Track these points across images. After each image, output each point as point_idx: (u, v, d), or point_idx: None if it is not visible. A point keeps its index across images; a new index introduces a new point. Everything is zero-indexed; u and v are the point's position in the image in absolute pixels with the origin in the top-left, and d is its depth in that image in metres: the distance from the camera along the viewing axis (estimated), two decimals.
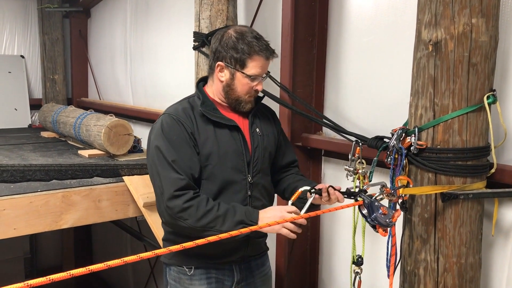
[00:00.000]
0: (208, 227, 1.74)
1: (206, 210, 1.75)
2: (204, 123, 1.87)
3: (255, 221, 1.73)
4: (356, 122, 2.66)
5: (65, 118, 4.46)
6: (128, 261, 1.11)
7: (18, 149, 4.10)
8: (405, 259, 1.94)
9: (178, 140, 1.82)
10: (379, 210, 1.52)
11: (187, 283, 1.96)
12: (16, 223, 2.63)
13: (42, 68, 5.74)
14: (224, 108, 1.94)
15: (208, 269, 1.95)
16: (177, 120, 1.84)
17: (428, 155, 1.79)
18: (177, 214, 1.75)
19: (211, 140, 1.86)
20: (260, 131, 1.99)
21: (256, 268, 2.07)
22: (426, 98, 1.80)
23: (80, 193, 2.84)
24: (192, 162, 1.82)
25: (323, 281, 2.95)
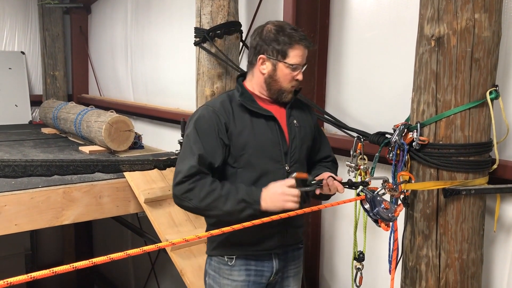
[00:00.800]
0: (212, 206, 1.77)
1: (209, 190, 1.78)
2: (242, 114, 1.92)
3: (257, 199, 1.75)
4: (357, 118, 2.65)
5: (65, 115, 4.46)
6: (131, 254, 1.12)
7: (19, 145, 4.10)
8: (406, 255, 1.94)
9: (207, 130, 1.88)
10: (381, 204, 1.52)
11: (226, 273, 1.99)
12: (17, 219, 2.63)
13: (43, 65, 5.74)
14: (262, 100, 1.99)
15: (248, 260, 1.98)
16: (212, 111, 1.91)
17: (430, 151, 1.79)
18: (182, 195, 1.81)
19: (248, 130, 1.91)
20: (298, 122, 2.02)
21: (292, 259, 2.09)
22: (429, 94, 1.79)
23: (81, 189, 2.84)
24: (215, 151, 1.87)
25: (324, 277, 2.95)
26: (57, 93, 5.72)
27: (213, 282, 2.02)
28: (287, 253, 2.05)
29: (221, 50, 2.90)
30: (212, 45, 2.90)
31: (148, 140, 4.38)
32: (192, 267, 2.60)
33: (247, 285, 1.97)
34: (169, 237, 2.67)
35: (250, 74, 2.00)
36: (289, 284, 2.09)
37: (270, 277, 2.01)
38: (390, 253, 1.90)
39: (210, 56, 2.93)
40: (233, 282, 1.97)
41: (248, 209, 1.73)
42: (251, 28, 3.33)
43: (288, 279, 2.09)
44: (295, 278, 2.11)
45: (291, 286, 2.10)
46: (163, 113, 4.16)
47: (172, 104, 4.25)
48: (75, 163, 2.14)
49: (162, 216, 2.84)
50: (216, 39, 2.91)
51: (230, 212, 1.75)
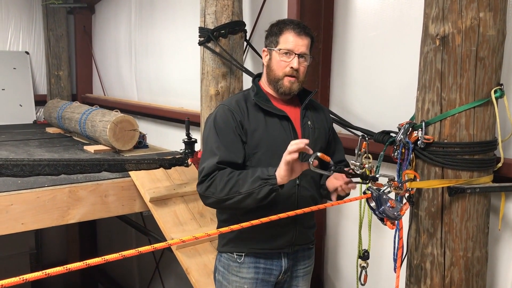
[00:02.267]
0: (231, 192, 1.77)
1: (227, 179, 1.79)
2: (256, 113, 1.94)
3: (272, 174, 1.73)
4: (362, 117, 2.66)
5: (70, 114, 4.48)
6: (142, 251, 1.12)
7: (24, 144, 4.12)
8: (411, 253, 1.95)
9: (225, 128, 1.90)
10: (387, 203, 1.52)
11: (235, 270, 2.01)
12: (24, 218, 2.64)
13: (47, 64, 5.76)
14: (277, 100, 2.01)
15: (257, 258, 1.99)
16: (227, 109, 1.93)
17: (435, 149, 1.80)
18: (205, 192, 1.84)
19: (261, 128, 1.92)
20: (312, 124, 2.03)
21: (302, 259, 2.10)
22: (433, 93, 1.80)
23: (87, 188, 2.86)
24: (235, 147, 1.89)
25: (329, 275, 2.96)
26: (62, 93, 5.74)
27: (222, 278, 2.04)
28: (297, 253, 2.06)
29: (225, 49, 2.91)
30: (216, 45, 2.91)
31: (152, 140, 4.39)
32: (198, 266, 2.61)
33: (255, 282, 1.98)
34: (174, 235, 2.68)
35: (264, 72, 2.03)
36: (298, 284, 2.10)
37: (278, 276, 2.02)
38: (395, 251, 1.91)
39: (215, 55, 2.94)
40: (241, 279, 1.98)
41: (265, 186, 1.72)
42: (255, 27, 3.34)
43: (297, 279, 2.10)
44: (304, 278, 2.12)
45: (300, 286, 2.11)
46: (167, 112, 4.18)
47: (176, 104, 4.26)
48: (81, 163, 2.16)
49: (167, 214, 2.85)
50: (220, 39, 2.92)
51: (249, 193, 1.74)
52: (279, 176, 1.71)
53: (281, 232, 1.96)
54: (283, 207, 1.85)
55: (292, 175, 1.71)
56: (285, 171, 1.69)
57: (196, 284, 2.53)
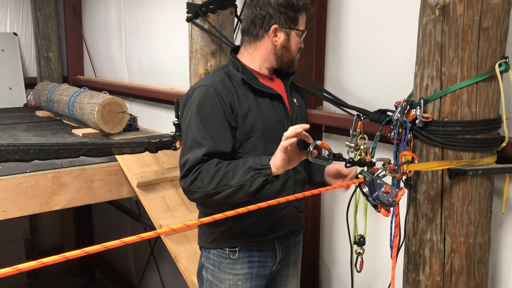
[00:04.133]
0: (220, 186, 1.61)
1: (214, 171, 1.63)
2: (245, 93, 1.78)
3: (266, 163, 1.57)
4: (358, 95, 2.53)
5: (59, 97, 4.34)
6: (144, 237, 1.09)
7: (11, 129, 4.00)
8: (409, 239, 1.84)
9: (211, 114, 1.71)
10: (381, 188, 1.40)
11: (228, 267, 1.85)
12: (5, 205, 2.53)
13: (36, 46, 5.59)
14: (262, 77, 1.86)
15: (251, 251, 1.86)
16: (213, 91, 1.73)
17: (435, 129, 1.67)
18: (189, 187, 1.68)
19: (254, 110, 1.77)
20: (297, 102, 1.95)
21: (292, 245, 2.00)
22: (433, 67, 1.67)
23: (71, 174, 2.74)
24: (223, 136, 1.72)
25: (324, 260, 2.86)
26: (52, 75, 5.59)
27: (212, 277, 1.90)
28: (288, 240, 1.95)
29: (214, 26, 2.76)
30: (205, 21, 2.76)
31: (144, 122, 4.26)
32: (187, 253, 2.51)
33: (250, 277, 1.86)
34: (163, 222, 2.57)
35: (250, 48, 1.86)
36: (288, 272, 2.00)
37: (273, 267, 1.91)
38: (391, 238, 1.80)
39: (203, 32, 2.79)
40: (235, 276, 1.85)
41: (259, 177, 1.56)
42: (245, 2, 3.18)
43: (288, 267, 2.00)
44: (294, 265, 2.02)
45: (290, 274, 2.01)
46: (158, 93, 4.04)
47: (167, 85, 4.12)
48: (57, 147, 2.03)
49: (155, 200, 2.74)
50: (209, 14, 2.76)
51: (240, 186, 1.58)
52: (274, 166, 1.55)
53: (280, 220, 1.84)
54: (280, 193, 1.74)
55: (289, 165, 1.55)
56: (282, 161, 1.52)
57: (185, 272, 2.42)
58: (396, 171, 1.50)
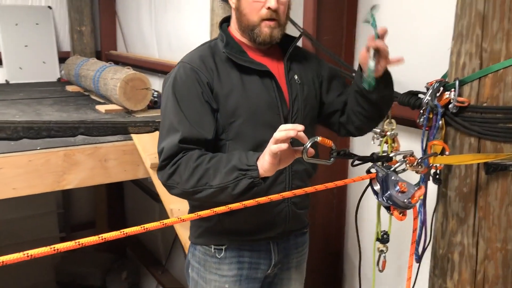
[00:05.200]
0: (199, 185, 1.39)
1: (194, 166, 1.40)
2: (228, 70, 1.54)
3: (253, 163, 1.32)
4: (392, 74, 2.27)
5: (86, 72, 4.26)
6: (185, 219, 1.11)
7: (37, 103, 3.95)
8: (437, 240, 1.61)
9: (188, 94, 1.50)
10: (395, 186, 1.17)
11: (213, 267, 1.66)
12: (15, 182, 2.46)
13: (70, 20, 5.54)
14: (253, 51, 1.60)
15: (241, 250, 1.64)
16: (190, 69, 1.52)
17: (471, 115, 1.43)
18: (167, 182, 1.46)
19: (238, 90, 1.53)
20: (299, 78, 1.63)
21: (294, 247, 1.75)
22: (472, 42, 1.41)
23: (84, 152, 2.63)
24: (202, 120, 1.49)
25: (348, 253, 2.65)
26: (84, 49, 5.52)
27: (197, 276, 1.72)
28: (289, 241, 1.71)
29: None
30: None
31: None
32: None
33: (239, 280, 1.66)
34: (174, 206, 2.42)
35: (233, 16, 1.63)
36: (290, 276, 1.76)
37: (267, 270, 1.70)
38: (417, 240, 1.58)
39: (224, 4, 2.59)
40: (221, 277, 1.66)
41: (244, 179, 1.33)
42: None
43: (289, 270, 1.76)
44: (297, 269, 1.78)
45: (292, 278, 1.77)
46: None
47: None
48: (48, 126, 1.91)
49: None
50: None
51: (222, 188, 1.36)
52: (262, 167, 1.31)
53: (275, 218, 1.62)
54: (271, 187, 1.52)
55: (280, 165, 1.31)
56: (270, 164, 1.29)
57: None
58: (420, 165, 1.27)
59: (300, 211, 1.68)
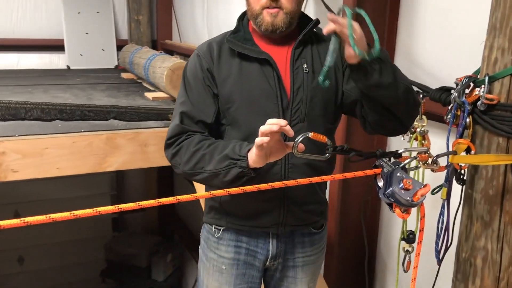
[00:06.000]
0: (196, 168, 1.49)
1: (194, 150, 1.49)
2: (230, 57, 1.58)
3: (243, 154, 1.38)
4: (431, 69, 2.19)
5: (138, 59, 4.39)
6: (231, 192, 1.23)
7: (91, 89, 4.12)
8: (460, 243, 1.54)
9: (193, 79, 1.60)
10: (399, 183, 1.13)
11: (213, 246, 1.73)
12: (59, 162, 2.58)
13: (128, 9, 5.72)
14: (263, 39, 1.61)
15: (239, 235, 1.68)
16: (197, 56, 1.62)
17: (500, 114, 1.35)
18: (171, 161, 1.59)
19: (234, 76, 1.56)
20: (309, 67, 1.57)
21: (300, 246, 1.71)
22: (505, 36, 1.33)
23: (125, 136, 2.72)
24: (203, 104, 1.57)
25: (381, 251, 2.59)
26: (141, 38, 5.69)
27: (202, 253, 1.79)
28: (293, 236, 1.69)
29: None
30: None
31: None
32: None
33: (236, 264, 1.69)
34: None
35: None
36: (296, 275, 1.74)
37: (265, 261, 1.70)
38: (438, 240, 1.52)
39: None
40: (219, 257, 1.70)
41: (234, 168, 1.40)
42: None
43: (295, 269, 1.73)
44: (305, 269, 1.75)
45: (297, 278, 1.74)
46: None
47: None
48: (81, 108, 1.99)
49: None
50: None
51: (215, 173, 1.45)
52: (251, 158, 1.37)
53: (268, 207, 1.62)
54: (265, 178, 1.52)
55: (271, 158, 1.35)
56: (257, 156, 1.34)
57: None
58: (435, 162, 1.22)
59: (300, 207, 1.65)
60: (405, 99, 1.47)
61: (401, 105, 1.47)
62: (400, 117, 1.50)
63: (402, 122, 1.53)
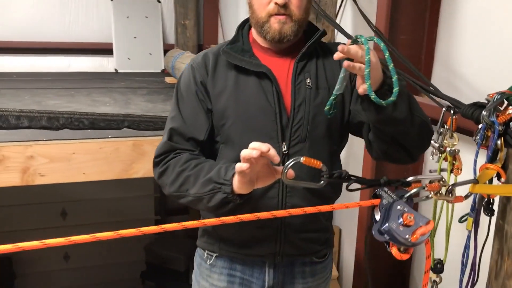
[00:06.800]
0: (182, 190, 1.38)
1: (179, 170, 1.39)
2: (226, 70, 1.47)
3: (228, 178, 1.26)
4: (471, 81, 2.00)
5: (179, 64, 4.40)
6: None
7: (132, 93, 4.15)
8: (490, 281, 1.36)
9: (186, 92, 1.50)
10: (399, 218, 0.98)
11: (205, 273, 1.62)
12: (86, 168, 2.57)
13: (175, 13, 5.75)
14: (264, 50, 1.50)
15: (233, 263, 1.56)
16: (191, 67, 1.52)
17: None
18: (158, 181, 1.49)
19: (229, 91, 1.45)
20: (313, 82, 1.44)
21: (301, 276, 1.58)
22: None
23: (152, 143, 2.67)
24: (196, 120, 1.46)
25: (414, 277, 2.40)
26: (187, 42, 5.71)
27: (194, 279, 1.69)
28: (293, 266, 1.55)
29: None
30: None
31: None
32: None
33: None
34: None
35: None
36: None
37: None
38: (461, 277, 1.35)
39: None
40: (211, 286, 1.59)
41: (218, 193, 1.28)
42: None
43: None
44: None
45: None
46: None
47: None
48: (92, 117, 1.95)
49: None
50: None
51: (199, 197, 1.34)
52: (235, 184, 1.24)
53: (264, 236, 1.49)
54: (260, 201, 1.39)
55: (258, 184, 1.23)
56: (239, 183, 1.22)
57: None
58: (450, 192, 1.06)
59: (299, 235, 1.51)
60: (418, 133, 1.35)
61: (413, 139, 1.36)
62: (410, 150, 1.37)
63: (411, 154, 1.42)
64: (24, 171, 2.47)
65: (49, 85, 4.34)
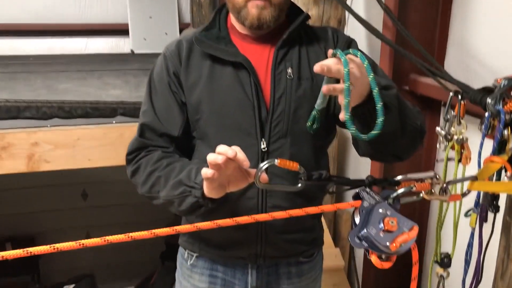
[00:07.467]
0: (153, 191, 1.29)
1: (150, 171, 1.29)
2: (201, 59, 1.36)
3: (198, 181, 1.16)
4: (486, 62, 1.87)
5: None
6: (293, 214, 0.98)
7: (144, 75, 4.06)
8: (496, 280, 1.27)
9: (158, 84, 1.39)
10: (379, 223, 0.88)
11: (186, 273, 1.54)
12: (91, 154, 2.55)
13: None
14: (243, 37, 1.38)
15: (215, 264, 1.48)
16: (163, 56, 1.41)
17: None
18: (132, 179, 1.38)
19: (203, 82, 1.33)
20: (294, 72, 1.32)
21: (286, 277, 1.49)
22: None
23: None
24: (169, 114, 1.35)
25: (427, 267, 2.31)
26: (203, 21, 5.59)
27: (177, 278, 1.62)
28: (277, 267, 1.47)
29: None
30: None
31: None
32: None
33: None
34: None
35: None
36: None
37: None
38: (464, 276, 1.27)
39: None
40: (193, 287, 1.53)
41: (189, 196, 1.19)
42: None
43: None
44: None
45: None
46: None
47: None
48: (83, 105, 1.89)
49: None
50: None
51: (169, 200, 1.24)
52: (205, 188, 1.14)
53: (244, 238, 1.40)
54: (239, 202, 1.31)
55: (230, 188, 1.12)
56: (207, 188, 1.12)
57: None
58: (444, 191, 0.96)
59: (281, 237, 1.41)
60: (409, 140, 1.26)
61: (403, 145, 1.26)
62: (399, 154, 1.28)
63: (399, 157, 1.32)
64: (29, 158, 2.46)
65: (64, 68, 4.32)
